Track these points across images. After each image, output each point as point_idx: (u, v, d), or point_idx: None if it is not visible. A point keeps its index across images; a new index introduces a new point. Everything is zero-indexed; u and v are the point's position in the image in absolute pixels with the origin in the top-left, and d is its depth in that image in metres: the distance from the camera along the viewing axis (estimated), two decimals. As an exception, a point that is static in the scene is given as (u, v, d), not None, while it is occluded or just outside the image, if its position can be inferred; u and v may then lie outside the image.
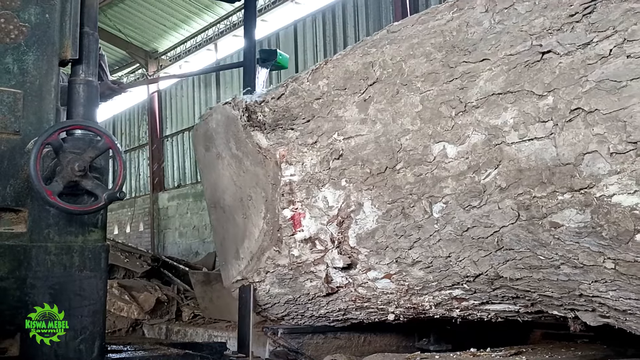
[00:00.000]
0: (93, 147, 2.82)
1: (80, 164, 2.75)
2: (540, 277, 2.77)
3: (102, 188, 2.82)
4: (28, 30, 2.93)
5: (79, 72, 3.08)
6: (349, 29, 16.50)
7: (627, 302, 2.57)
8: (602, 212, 2.41)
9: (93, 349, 2.88)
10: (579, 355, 3.84)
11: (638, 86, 2.33)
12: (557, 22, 2.65)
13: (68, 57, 3.02)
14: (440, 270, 3.11)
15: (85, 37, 3.10)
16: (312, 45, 17.40)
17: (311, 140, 3.45)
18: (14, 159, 2.83)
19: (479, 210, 2.81)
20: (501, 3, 2.92)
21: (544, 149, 2.58)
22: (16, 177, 2.83)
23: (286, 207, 3.50)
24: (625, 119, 2.34)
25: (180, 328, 7.01)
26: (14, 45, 2.90)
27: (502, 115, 2.73)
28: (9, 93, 2.86)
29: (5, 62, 2.88)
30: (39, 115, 2.92)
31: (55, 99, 2.98)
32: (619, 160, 2.35)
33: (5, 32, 2.88)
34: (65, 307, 2.82)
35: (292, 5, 18.21)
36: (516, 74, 2.73)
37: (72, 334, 2.82)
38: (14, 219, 2.86)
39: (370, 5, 16.01)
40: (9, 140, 2.84)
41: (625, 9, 2.45)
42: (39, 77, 2.94)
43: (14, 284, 2.77)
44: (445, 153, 2.93)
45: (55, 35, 2.99)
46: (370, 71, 3.38)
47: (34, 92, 2.92)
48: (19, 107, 2.87)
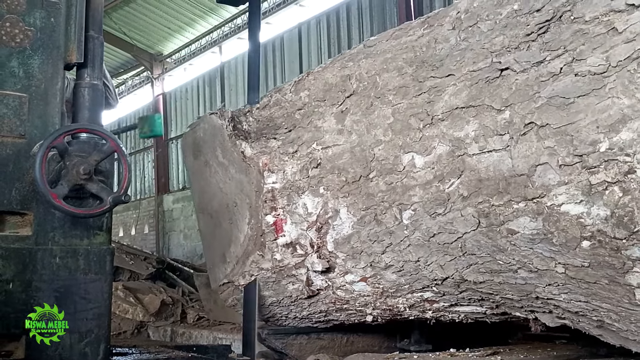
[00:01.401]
0: (98, 150, 2.85)
1: (85, 167, 2.78)
2: (501, 280, 2.97)
3: (107, 191, 2.85)
4: (33, 34, 2.95)
5: (84, 76, 3.11)
6: (353, 32, 16.66)
7: (577, 304, 2.77)
8: (553, 220, 2.61)
9: (98, 352, 2.89)
10: (553, 355, 4.02)
11: (584, 103, 2.53)
12: (515, 40, 2.85)
13: (73, 60, 3.05)
14: (411, 274, 3.31)
15: (91, 41, 3.12)
16: (317, 48, 17.57)
17: (292, 150, 3.66)
18: (20, 162, 2.85)
19: (444, 218, 3.02)
20: (466, 21, 3.13)
21: (501, 161, 2.78)
22: (21, 180, 2.85)
23: (269, 213, 3.71)
24: (573, 134, 2.54)
25: (185, 330, 7.10)
26: (19, 49, 2.92)
27: (464, 128, 2.94)
28: (14, 97, 2.88)
29: (11, 66, 2.91)
30: (45, 118, 2.94)
31: (60, 103, 3.01)
32: (567, 172, 2.55)
33: (10, 36, 2.91)
34: (71, 310, 2.83)
35: (297, 8, 18.35)
36: (478, 89, 2.93)
37: (77, 336, 2.84)
38: (20, 222, 2.87)
39: (374, 7, 16.16)
40: (15, 144, 2.86)
41: (574, 29, 2.65)
42: (44, 81, 2.96)
43: (19, 287, 2.78)
44: (414, 163, 3.13)
45: (61, 39, 3.01)
46: (347, 84, 3.59)
47: (39, 96, 2.94)
48: (24, 110, 2.89)
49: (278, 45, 18.60)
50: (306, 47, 17.87)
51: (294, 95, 3.87)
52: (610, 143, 2.43)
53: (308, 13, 17.92)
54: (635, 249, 2.40)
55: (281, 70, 18.32)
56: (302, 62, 17.60)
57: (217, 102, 20.43)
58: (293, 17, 18.29)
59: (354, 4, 16.57)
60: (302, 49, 17.97)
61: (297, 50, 18.04)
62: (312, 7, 17.87)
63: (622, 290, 2.54)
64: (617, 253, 2.45)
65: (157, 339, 7.18)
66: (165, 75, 22.16)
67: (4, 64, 2.88)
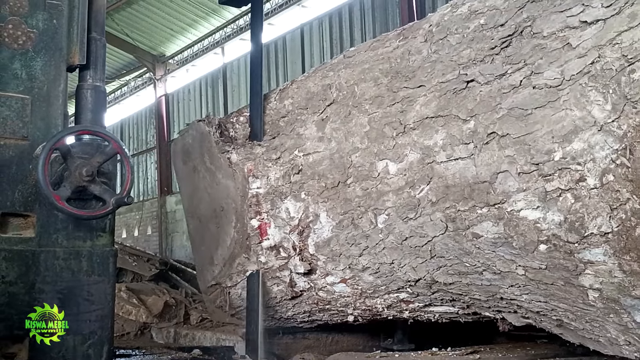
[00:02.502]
0: (101, 152, 2.87)
1: (88, 169, 2.80)
2: (468, 281, 3.15)
3: (110, 193, 2.87)
4: (36, 36, 2.97)
5: (86, 78, 3.14)
6: (355, 32, 16.83)
7: (538, 304, 2.95)
8: (512, 224, 2.79)
9: (101, 354, 2.91)
10: (531, 354, 4.20)
11: (541, 114, 2.71)
12: (480, 54, 3.04)
13: (76, 62, 3.08)
14: (386, 276, 3.50)
15: (93, 43, 3.15)
16: (319, 49, 17.74)
17: (275, 156, 3.85)
18: (22, 164, 2.87)
19: (415, 222, 3.21)
20: (437, 34, 3.32)
21: (466, 168, 2.96)
22: (24, 182, 2.87)
23: (254, 217, 3.90)
24: (530, 143, 2.72)
25: (188, 332, 7.00)
26: (22, 51, 2.94)
27: (433, 137, 3.13)
28: (17, 99, 2.90)
29: (14, 68, 2.92)
30: (47, 120, 2.96)
31: (63, 105, 3.03)
32: (525, 180, 2.73)
33: (13, 37, 2.92)
34: (74, 311, 2.85)
35: (299, 9, 18.53)
36: (446, 100, 3.12)
37: (80, 338, 2.86)
38: (22, 224, 2.89)
39: (376, 8, 16.31)
40: (17, 146, 2.88)
41: (534, 44, 2.84)
42: (46, 83, 2.98)
43: (23, 289, 2.80)
44: (388, 170, 3.32)
45: (63, 40, 3.04)
46: (328, 93, 3.78)
47: (41, 98, 2.96)
48: (27, 112, 2.91)
49: (280, 46, 18.79)
50: (309, 48, 18.05)
51: (278, 103, 4.07)
52: (563, 152, 2.61)
53: (310, 14, 18.10)
54: (587, 252, 2.58)
55: (284, 71, 18.51)
56: (304, 63, 17.77)
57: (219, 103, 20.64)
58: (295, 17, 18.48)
59: (357, 4, 16.73)
60: (305, 50, 18.15)
61: (300, 51, 18.22)
62: (315, 7, 18.05)
63: (577, 291, 2.72)
64: (570, 256, 2.64)
65: (161, 341, 7.13)
66: (167, 77, 22.40)
67: (6, 66, 2.92)
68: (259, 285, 3.98)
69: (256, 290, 4.00)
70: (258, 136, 4.11)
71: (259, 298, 3.99)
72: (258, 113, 4.19)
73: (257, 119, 4.17)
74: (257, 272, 3.99)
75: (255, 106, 4.25)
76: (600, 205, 2.50)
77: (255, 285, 4.00)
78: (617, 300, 2.58)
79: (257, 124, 4.16)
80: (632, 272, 2.46)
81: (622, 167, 2.43)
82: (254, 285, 4.02)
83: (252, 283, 4.03)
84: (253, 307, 4.03)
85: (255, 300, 4.00)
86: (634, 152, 2.40)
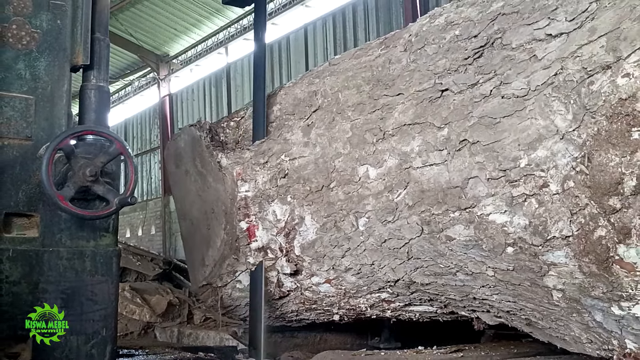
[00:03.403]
0: (104, 152, 2.90)
1: (91, 169, 2.83)
2: (443, 282, 3.32)
3: (113, 193, 2.91)
4: (40, 37, 3.02)
5: (90, 78, 3.18)
6: (359, 32, 17.00)
7: (507, 304, 3.12)
8: (482, 228, 2.96)
9: (105, 353, 2.96)
10: (513, 353, 4.34)
11: (508, 123, 2.87)
12: (454, 63, 3.20)
13: (79, 62, 3.13)
14: (368, 276, 3.67)
15: (97, 43, 3.20)
16: (323, 49, 17.92)
17: (263, 160, 4.02)
18: (26, 164, 2.91)
19: (393, 225, 3.37)
20: (416, 44, 3.48)
21: (439, 174, 3.13)
22: (28, 182, 2.91)
23: (242, 219, 4.07)
24: (498, 150, 2.88)
25: (191, 331, 7.22)
26: (25, 52, 2.99)
27: (410, 143, 3.29)
28: (20, 99, 2.94)
29: (17, 68, 2.97)
30: (51, 120, 3.00)
31: (66, 105, 3.07)
32: (493, 185, 2.90)
33: (17, 38, 2.97)
34: (77, 311, 2.90)
35: (303, 9, 18.72)
36: (422, 108, 3.28)
37: (84, 338, 2.91)
38: (26, 224, 2.93)
39: (380, 7, 16.47)
40: (21, 146, 2.92)
41: (504, 55, 3.00)
42: (50, 83, 3.02)
43: (26, 289, 2.84)
44: (368, 174, 3.49)
45: (67, 41, 3.08)
46: (314, 99, 3.95)
47: (45, 98, 3.00)
48: (30, 112, 2.95)
49: (284, 46, 18.98)
50: (312, 48, 18.23)
51: (267, 108, 4.23)
52: (528, 159, 2.77)
53: (314, 13, 18.28)
54: (550, 254, 2.74)
55: (287, 71, 18.71)
56: (308, 62, 17.96)
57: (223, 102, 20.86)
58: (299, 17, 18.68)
59: (360, 4, 16.90)
60: (308, 49, 18.34)
61: (304, 50, 18.41)
62: (318, 7, 18.23)
63: (542, 292, 2.88)
64: (535, 258, 2.79)
65: (164, 340, 7.33)
66: (171, 76, 22.66)
67: (10, 66, 2.96)
68: (262, 294, 4.04)
69: (259, 283, 4.05)
70: (261, 137, 4.17)
71: (262, 290, 4.03)
72: (261, 113, 4.23)
73: (260, 119, 4.21)
74: (261, 263, 4.05)
75: (258, 106, 4.27)
76: (562, 210, 2.66)
77: (259, 278, 4.05)
78: (578, 300, 2.74)
79: (260, 124, 4.20)
80: (591, 274, 2.62)
81: (582, 174, 2.58)
82: (257, 295, 4.07)
83: (256, 293, 4.09)
84: (256, 300, 4.08)
85: (259, 293, 4.05)
86: (592, 159, 2.55)
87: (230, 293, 4.36)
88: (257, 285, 4.08)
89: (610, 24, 2.60)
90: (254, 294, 4.10)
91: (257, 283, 4.08)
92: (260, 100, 4.29)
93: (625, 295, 2.55)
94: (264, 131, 4.18)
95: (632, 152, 2.44)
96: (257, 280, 4.08)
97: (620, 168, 2.46)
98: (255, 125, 4.25)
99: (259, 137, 4.18)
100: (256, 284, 4.08)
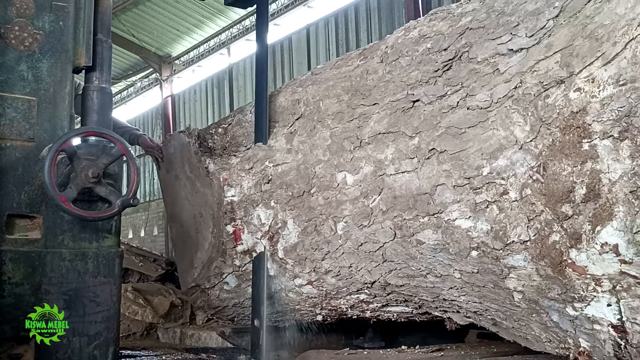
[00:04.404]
0: (107, 153, 2.93)
1: (94, 170, 2.87)
2: (416, 284, 3.52)
3: (115, 194, 2.94)
4: (42, 38, 3.04)
5: (92, 79, 3.21)
6: (361, 33, 17.17)
7: (474, 305, 3.31)
8: (449, 232, 3.15)
9: (107, 355, 2.99)
10: (492, 352, 4.53)
11: (473, 133, 3.07)
12: (426, 75, 3.40)
13: (82, 64, 3.16)
14: (346, 278, 3.87)
15: (99, 44, 3.23)
16: (325, 49, 18.09)
17: (248, 166, 4.23)
18: (29, 165, 2.94)
19: (368, 229, 3.57)
20: (392, 55, 3.68)
21: (411, 181, 3.33)
22: (30, 183, 2.93)
23: (229, 223, 4.28)
24: (464, 159, 3.08)
25: (194, 332, 7.22)
26: (28, 53, 3.01)
27: (385, 151, 3.49)
28: (23, 100, 2.97)
29: (20, 70, 2.99)
30: (53, 122, 3.03)
31: (69, 106, 3.10)
32: (459, 192, 3.09)
33: (19, 39, 2.99)
34: (79, 312, 2.93)
35: (305, 9, 18.89)
36: (396, 118, 3.48)
37: (86, 339, 2.94)
38: (29, 225, 2.96)
39: (382, 8, 16.63)
40: (24, 147, 2.95)
41: (470, 68, 3.20)
42: (53, 85, 3.04)
43: (29, 290, 2.87)
44: (346, 181, 3.69)
45: (69, 42, 3.11)
46: (297, 107, 4.16)
47: (48, 99, 3.02)
48: (33, 114, 2.97)
49: (286, 47, 19.16)
50: (314, 48, 18.40)
51: (253, 116, 4.44)
52: (490, 168, 2.96)
53: (316, 14, 18.44)
54: (510, 258, 2.93)
55: (290, 71, 18.88)
56: (310, 63, 18.10)
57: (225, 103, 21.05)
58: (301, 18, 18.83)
59: (363, 4, 17.06)
60: (311, 50, 18.51)
61: (306, 51, 18.58)
62: (321, 8, 18.39)
63: (504, 293, 3.07)
64: (497, 261, 2.99)
65: (167, 341, 7.39)
66: (173, 77, 22.89)
67: (13, 68, 2.99)
68: (264, 294, 4.13)
69: (262, 272, 4.12)
70: (263, 138, 4.25)
71: (264, 306, 4.14)
72: (264, 114, 4.28)
73: (262, 120, 4.26)
74: (263, 252, 4.14)
75: (261, 107, 4.33)
76: (520, 216, 2.85)
77: (261, 295, 4.14)
78: (537, 301, 2.94)
79: (263, 125, 4.25)
80: (547, 276, 2.82)
81: (538, 183, 2.78)
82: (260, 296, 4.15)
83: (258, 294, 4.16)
84: (258, 312, 4.17)
85: (261, 308, 4.14)
86: (547, 169, 2.75)
87: (218, 294, 4.57)
88: (258, 286, 4.20)
89: (564, 40, 2.80)
90: (256, 293, 4.19)
91: (258, 284, 4.21)
92: (262, 100, 4.35)
93: (578, 297, 2.74)
94: (267, 131, 4.23)
95: (582, 162, 2.63)
96: (259, 281, 4.20)
97: (572, 177, 2.65)
98: (257, 126, 4.33)
99: (261, 137, 4.25)
100: (257, 284, 4.21)
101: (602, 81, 2.59)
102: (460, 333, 5.14)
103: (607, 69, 2.57)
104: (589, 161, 2.60)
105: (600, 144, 2.57)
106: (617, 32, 2.56)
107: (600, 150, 2.57)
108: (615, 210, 2.54)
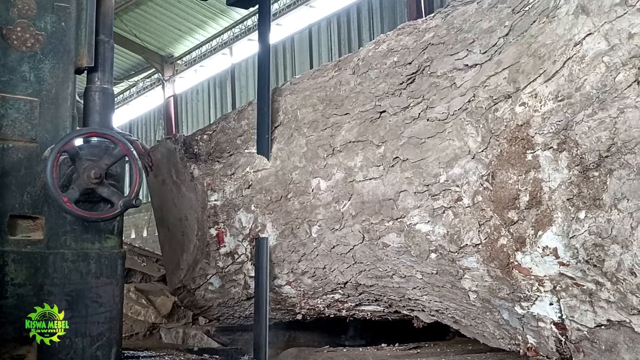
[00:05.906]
0: (109, 154, 2.96)
1: (96, 171, 2.89)
2: (383, 284, 3.79)
3: (118, 195, 2.97)
4: (44, 39, 3.07)
5: (94, 80, 3.25)
6: (363, 32, 17.41)
7: (435, 304, 3.58)
8: (410, 236, 3.42)
9: (109, 355, 3.03)
10: (468, 349, 4.79)
11: (432, 143, 3.34)
12: (392, 87, 3.67)
13: (84, 65, 3.19)
14: (321, 279, 4.14)
15: (101, 45, 3.27)
16: (327, 49, 18.35)
17: (230, 172, 4.51)
18: (31, 166, 2.96)
19: (340, 232, 3.84)
20: (362, 68, 3.95)
21: (377, 187, 3.60)
22: (33, 184, 2.96)
23: (212, 226, 4.55)
24: (423, 167, 3.35)
25: (197, 332, 7.33)
26: (30, 54, 3.05)
27: (354, 159, 3.76)
28: (25, 101, 3.00)
29: (22, 71, 3.02)
30: (55, 122, 3.06)
31: (71, 107, 3.13)
32: (419, 198, 3.36)
33: (21, 40, 3.03)
34: (82, 313, 2.97)
35: (307, 9, 19.15)
36: (364, 127, 3.75)
37: (89, 340, 2.98)
38: (31, 226, 2.99)
39: (384, 8, 16.86)
40: (26, 148, 2.98)
41: (431, 82, 3.46)
42: (55, 85, 3.08)
43: (31, 291, 2.90)
44: (319, 187, 3.96)
45: (71, 43, 3.14)
46: (276, 116, 4.43)
47: (50, 100, 3.05)
48: (35, 115, 3.00)
49: (289, 46, 19.42)
50: (317, 48, 18.65)
51: (236, 123, 4.72)
52: (447, 176, 3.23)
53: (318, 14, 18.69)
54: (464, 260, 3.20)
55: (292, 71, 19.12)
56: (312, 63, 18.35)
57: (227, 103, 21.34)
58: (303, 18, 19.10)
59: (365, 4, 17.29)
60: (313, 50, 18.77)
61: (308, 51, 18.84)
62: (323, 8, 18.63)
63: (461, 293, 3.34)
64: (453, 263, 3.26)
65: (169, 341, 7.37)
66: (176, 77, 23.22)
67: (15, 69, 3.03)
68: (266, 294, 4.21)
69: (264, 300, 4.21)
70: (265, 137, 4.33)
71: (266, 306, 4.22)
72: (266, 114, 4.37)
73: (264, 120, 4.36)
74: (265, 239, 4.24)
75: (263, 107, 4.39)
76: (472, 221, 3.12)
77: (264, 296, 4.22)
78: (489, 300, 3.20)
79: (265, 125, 4.35)
80: (497, 277, 3.08)
81: (487, 190, 3.04)
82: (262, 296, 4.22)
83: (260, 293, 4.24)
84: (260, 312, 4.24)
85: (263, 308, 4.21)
86: (496, 177, 3.01)
87: (204, 294, 4.85)
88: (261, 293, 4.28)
89: (512, 58, 3.05)
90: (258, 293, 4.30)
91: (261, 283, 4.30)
92: (264, 100, 4.46)
93: (524, 296, 3.00)
94: (269, 131, 4.35)
95: (526, 172, 2.89)
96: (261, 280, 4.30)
97: (517, 185, 2.92)
98: (259, 126, 4.44)
99: (263, 137, 4.37)
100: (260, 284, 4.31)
101: (543, 97, 2.85)
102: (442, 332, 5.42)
103: (548, 86, 2.83)
104: (532, 170, 2.86)
105: (542, 155, 2.83)
106: (557, 52, 2.82)
107: (541, 161, 2.83)
108: (555, 216, 2.80)
